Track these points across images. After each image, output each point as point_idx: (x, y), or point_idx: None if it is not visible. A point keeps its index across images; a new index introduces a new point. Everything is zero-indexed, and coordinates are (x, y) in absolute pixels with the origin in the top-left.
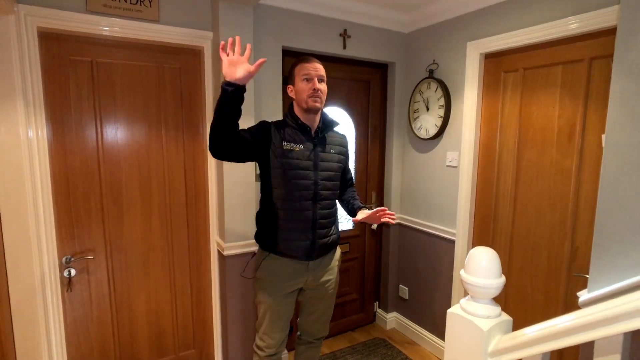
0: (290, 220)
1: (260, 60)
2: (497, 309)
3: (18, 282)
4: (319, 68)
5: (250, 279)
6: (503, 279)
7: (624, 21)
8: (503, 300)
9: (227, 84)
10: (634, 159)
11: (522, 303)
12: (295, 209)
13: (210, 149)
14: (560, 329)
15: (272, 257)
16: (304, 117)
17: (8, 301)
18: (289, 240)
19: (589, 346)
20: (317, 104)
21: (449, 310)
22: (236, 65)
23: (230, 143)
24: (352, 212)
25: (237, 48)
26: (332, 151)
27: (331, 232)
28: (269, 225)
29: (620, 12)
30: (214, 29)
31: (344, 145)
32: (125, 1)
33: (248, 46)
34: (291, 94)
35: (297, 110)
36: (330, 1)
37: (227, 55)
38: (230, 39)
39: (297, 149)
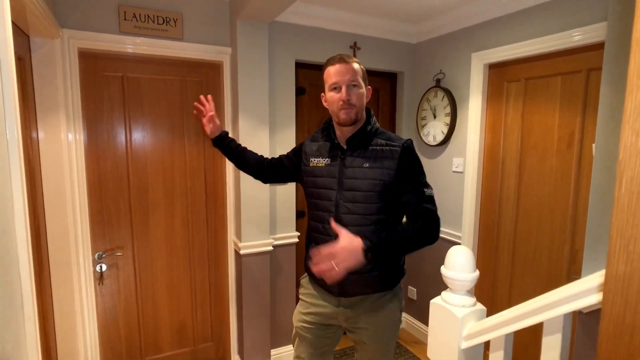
0: (317, 244)
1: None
2: (472, 300)
3: (59, 276)
4: (347, 71)
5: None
6: (477, 273)
7: (610, 38)
8: (507, 300)
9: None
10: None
11: None
12: (319, 232)
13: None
14: (515, 315)
15: (308, 279)
16: (339, 130)
17: (50, 294)
18: None
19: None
20: (350, 117)
21: (432, 301)
22: (205, 124)
23: (255, 174)
24: None
25: (208, 106)
26: (367, 165)
27: (368, 267)
28: (306, 246)
29: (607, 28)
30: (232, 44)
31: (393, 157)
32: (153, 22)
33: (204, 99)
34: (325, 104)
35: (334, 121)
36: (340, 16)
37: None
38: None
39: (322, 164)
